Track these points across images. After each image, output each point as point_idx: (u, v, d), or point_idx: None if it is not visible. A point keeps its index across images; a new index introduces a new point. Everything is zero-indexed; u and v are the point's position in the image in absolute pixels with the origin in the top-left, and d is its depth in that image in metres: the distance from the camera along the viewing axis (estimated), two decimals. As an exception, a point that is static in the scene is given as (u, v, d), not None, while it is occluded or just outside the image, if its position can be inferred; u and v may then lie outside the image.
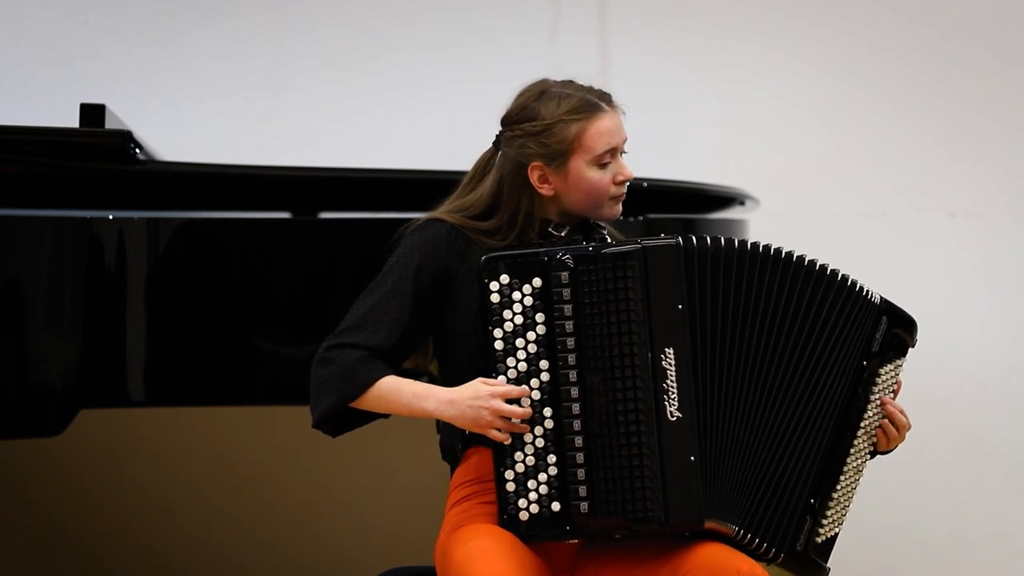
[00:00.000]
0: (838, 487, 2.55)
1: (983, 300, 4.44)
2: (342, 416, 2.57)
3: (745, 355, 2.50)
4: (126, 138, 3.08)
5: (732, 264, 2.49)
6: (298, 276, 3.11)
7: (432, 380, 2.62)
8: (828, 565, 2.58)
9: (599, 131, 2.57)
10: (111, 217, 3.07)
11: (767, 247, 2.53)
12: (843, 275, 2.56)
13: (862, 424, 2.56)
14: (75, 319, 3.01)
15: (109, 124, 3.11)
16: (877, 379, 2.56)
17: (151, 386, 3.05)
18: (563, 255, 2.47)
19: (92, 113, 3.09)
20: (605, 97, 2.60)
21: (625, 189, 2.63)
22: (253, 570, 4.24)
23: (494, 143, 2.65)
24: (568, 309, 2.47)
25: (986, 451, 4.43)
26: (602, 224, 2.64)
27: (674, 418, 2.44)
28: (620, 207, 2.64)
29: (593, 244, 2.50)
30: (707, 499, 2.46)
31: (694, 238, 2.49)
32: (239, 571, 4.25)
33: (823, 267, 2.54)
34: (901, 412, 2.61)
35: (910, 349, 2.61)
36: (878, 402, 2.59)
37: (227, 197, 3.64)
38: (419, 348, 2.64)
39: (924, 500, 4.42)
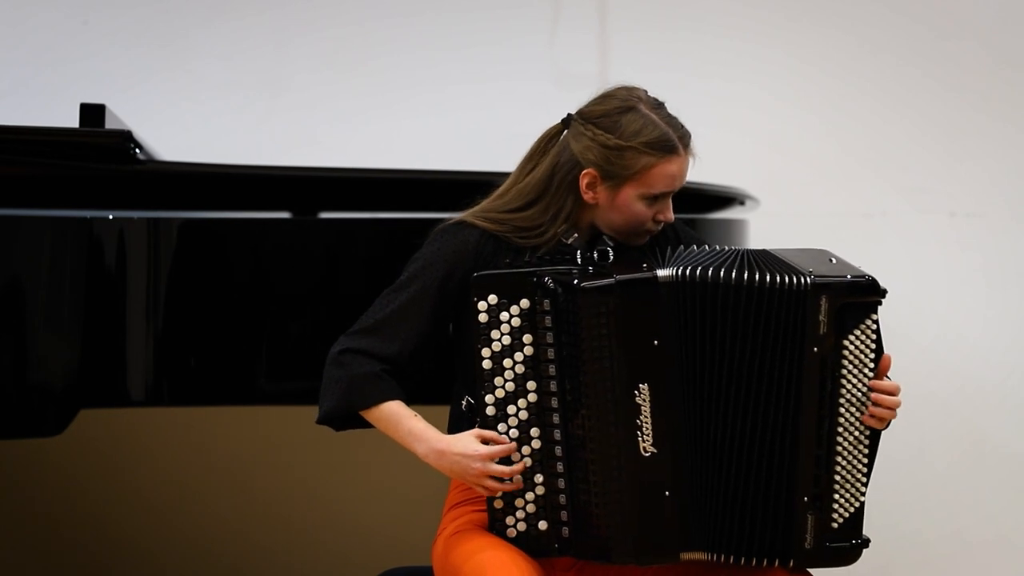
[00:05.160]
0: (839, 468, 2.48)
1: (983, 300, 4.43)
2: (345, 418, 2.58)
3: (709, 383, 2.46)
4: (126, 138, 3.07)
5: (697, 293, 2.45)
6: (298, 276, 3.10)
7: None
8: (865, 536, 2.50)
9: (664, 173, 2.55)
10: (111, 217, 3.07)
11: (731, 272, 2.45)
12: (764, 280, 2.44)
13: (841, 401, 2.47)
14: (75, 319, 3.01)
15: (109, 124, 3.11)
16: (844, 351, 2.46)
17: (151, 386, 3.05)
18: (548, 279, 2.45)
19: (92, 113, 3.08)
20: (684, 138, 2.58)
21: (660, 228, 2.60)
22: (252, 570, 4.24)
23: (563, 120, 2.62)
24: (550, 335, 2.45)
25: (986, 452, 4.42)
26: (610, 238, 2.59)
27: (648, 453, 2.43)
28: (648, 238, 2.60)
29: (579, 267, 2.48)
30: (681, 531, 2.44)
31: (675, 271, 2.44)
32: (238, 571, 4.25)
33: (749, 280, 2.45)
34: (885, 391, 2.48)
35: (881, 301, 2.46)
36: (856, 371, 2.48)
37: (227, 197, 3.64)
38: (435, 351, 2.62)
39: (924, 501, 4.42)
